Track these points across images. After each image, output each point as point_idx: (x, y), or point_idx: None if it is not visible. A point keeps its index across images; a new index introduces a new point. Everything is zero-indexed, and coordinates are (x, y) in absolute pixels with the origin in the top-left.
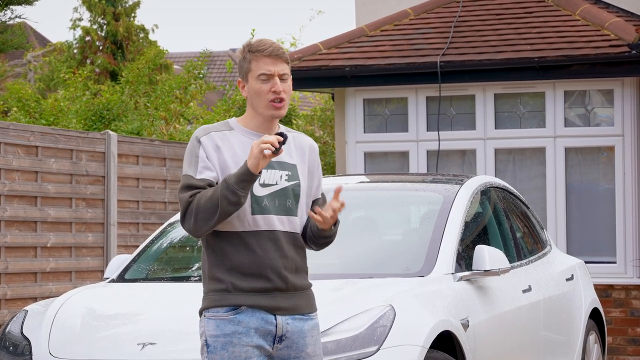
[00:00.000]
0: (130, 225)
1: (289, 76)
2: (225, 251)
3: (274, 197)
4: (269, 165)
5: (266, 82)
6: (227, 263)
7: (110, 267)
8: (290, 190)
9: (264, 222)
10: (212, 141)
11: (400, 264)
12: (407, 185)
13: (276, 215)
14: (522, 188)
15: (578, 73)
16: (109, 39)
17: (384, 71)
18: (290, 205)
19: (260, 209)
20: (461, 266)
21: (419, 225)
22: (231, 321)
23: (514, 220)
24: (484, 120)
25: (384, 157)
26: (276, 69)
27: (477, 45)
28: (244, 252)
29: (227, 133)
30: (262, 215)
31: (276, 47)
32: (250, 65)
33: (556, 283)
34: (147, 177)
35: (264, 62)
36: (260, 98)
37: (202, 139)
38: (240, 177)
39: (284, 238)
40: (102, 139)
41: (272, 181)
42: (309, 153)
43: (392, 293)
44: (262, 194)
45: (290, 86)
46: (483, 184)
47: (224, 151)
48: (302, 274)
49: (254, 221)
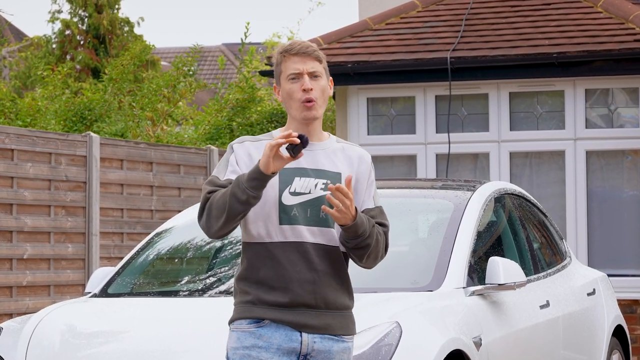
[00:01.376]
0: (114, 235)
1: (322, 75)
2: (252, 263)
3: (306, 206)
4: (303, 172)
5: (296, 82)
6: (253, 275)
7: (92, 280)
8: (325, 199)
9: (292, 233)
10: (245, 149)
11: (407, 278)
12: (414, 192)
13: (306, 226)
14: (540, 195)
15: (600, 70)
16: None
17: (389, 68)
18: (325, 215)
19: (288, 218)
20: (473, 280)
21: (428, 235)
22: (252, 334)
23: (530, 229)
24: (498, 121)
25: (390, 161)
26: (305, 67)
27: (490, 40)
28: (270, 264)
29: (263, 142)
30: (290, 226)
31: (305, 45)
32: (281, 67)
33: (576, 298)
34: (132, 183)
35: (292, 62)
36: (292, 99)
37: (235, 146)
38: (250, 176)
39: (314, 251)
40: (83, 142)
41: (305, 189)
42: (358, 163)
43: (398, 309)
44: (291, 202)
45: (325, 86)
46: (497, 191)
47: (255, 159)
48: (339, 292)
49: (281, 231)
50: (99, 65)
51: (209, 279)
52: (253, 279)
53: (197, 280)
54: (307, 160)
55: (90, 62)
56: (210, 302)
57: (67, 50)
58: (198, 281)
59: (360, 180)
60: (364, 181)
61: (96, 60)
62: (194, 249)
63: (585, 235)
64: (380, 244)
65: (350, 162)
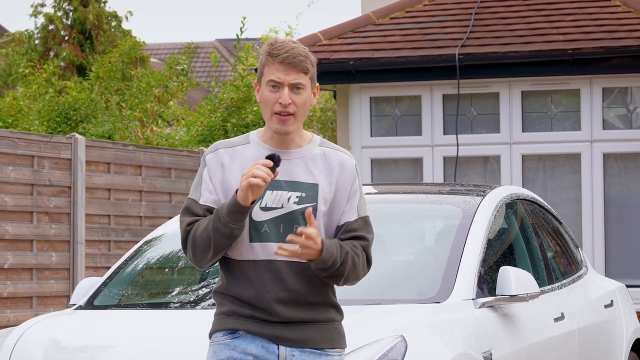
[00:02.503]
0: (101, 243)
1: (306, 87)
2: (227, 279)
3: (278, 222)
4: (275, 185)
5: (274, 92)
6: (228, 290)
7: (77, 291)
8: (299, 214)
9: (263, 251)
10: (217, 159)
11: (413, 289)
12: (420, 197)
13: (278, 243)
14: (554, 200)
15: (618, 67)
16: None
17: (393, 65)
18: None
19: (258, 236)
20: (483, 291)
21: (435, 244)
22: (227, 345)
23: (544, 237)
24: (509, 122)
25: (394, 164)
26: (287, 78)
27: (501, 35)
28: (243, 283)
29: (239, 148)
30: (261, 243)
31: (294, 53)
32: (264, 69)
33: (593, 310)
34: (119, 188)
35: (276, 69)
36: (266, 108)
37: (208, 158)
38: (230, 209)
39: (287, 269)
40: (68, 144)
41: (277, 204)
42: (339, 172)
43: (403, 322)
44: (262, 218)
45: (307, 99)
46: (508, 196)
47: (229, 170)
48: (319, 308)
49: (252, 249)
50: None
51: (202, 290)
52: (228, 293)
53: (189, 291)
54: (281, 172)
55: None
56: (202, 315)
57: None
58: (190, 292)
59: (341, 190)
60: (344, 192)
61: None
62: (185, 258)
63: (602, 243)
64: (358, 265)
65: (329, 171)
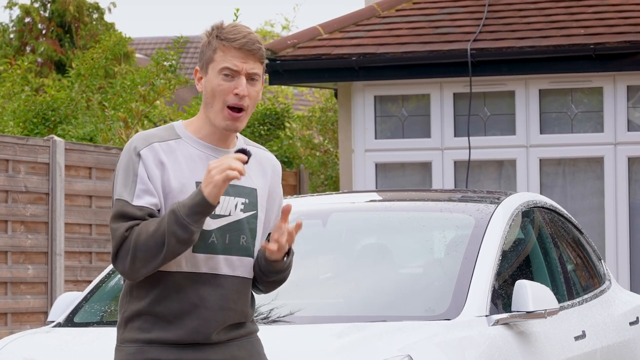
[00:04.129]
0: (81, 255)
1: (259, 79)
2: (151, 294)
3: (224, 232)
4: None
5: (229, 80)
6: (150, 309)
7: (56, 307)
8: (245, 223)
9: (206, 264)
10: (154, 155)
11: (421, 304)
12: (429, 205)
13: (224, 255)
14: (575, 208)
15: None
16: (55, 21)
17: (400, 61)
18: (245, 242)
19: (204, 246)
20: (497, 307)
21: (445, 255)
22: None
23: (563, 249)
24: (525, 123)
25: (401, 169)
26: (245, 66)
27: (517, 29)
28: (175, 297)
29: (172, 143)
30: (206, 255)
31: (252, 38)
32: (215, 55)
33: (617, 328)
34: (102, 195)
35: (232, 55)
36: (216, 98)
37: (143, 152)
38: (194, 209)
39: (230, 286)
40: (46, 147)
41: (225, 211)
42: (272, 174)
43: (411, 340)
44: (211, 227)
45: (259, 92)
46: (525, 203)
47: (168, 169)
48: (245, 325)
49: (194, 261)
50: (63, 57)
51: None
52: (149, 313)
53: None
54: None
55: (54, 55)
56: None
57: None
58: None
59: (273, 195)
60: (276, 197)
61: (61, 52)
62: None
63: (627, 255)
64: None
65: (263, 173)
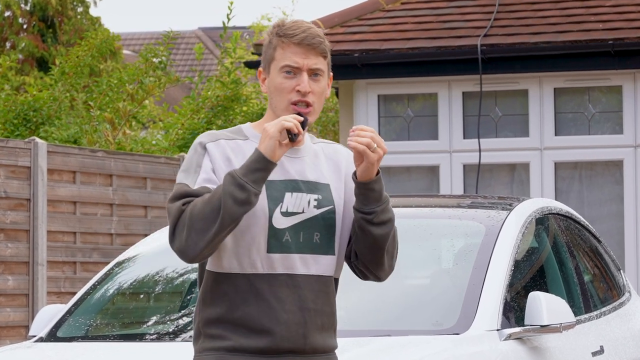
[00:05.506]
0: (65, 265)
1: (324, 75)
2: (227, 299)
3: (299, 230)
4: (294, 186)
5: (291, 78)
6: (228, 315)
7: (38, 321)
8: (320, 219)
9: (282, 264)
10: (221, 150)
11: (428, 318)
12: (436, 212)
13: (299, 254)
14: (592, 215)
15: None
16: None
17: (405, 58)
18: (320, 240)
19: (279, 245)
20: (510, 320)
21: (453, 265)
22: None
23: (580, 258)
24: (539, 124)
25: (406, 173)
26: (306, 62)
27: (531, 24)
28: (253, 301)
29: (240, 142)
30: (281, 255)
31: (312, 33)
32: (275, 53)
33: (637, 343)
34: (87, 201)
35: (292, 52)
36: (281, 97)
37: (209, 145)
38: (250, 166)
39: (307, 285)
40: (27, 149)
41: (298, 208)
42: (346, 165)
43: (417, 356)
44: (284, 225)
45: (324, 88)
46: (539, 210)
47: (235, 165)
48: (328, 332)
49: (269, 261)
50: (46, 54)
51: (182, 319)
52: (226, 319)
53: (167, 320)
54: (294, 171)
55: (36, 51)
56: (183, 348)
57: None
58: (169, 322)
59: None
60: None
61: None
62: (163, 282)
63: None
64: (396, 236)
65: (336, 168)
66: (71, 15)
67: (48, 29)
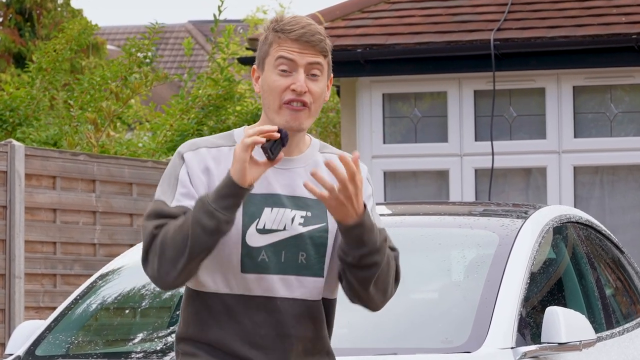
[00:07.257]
0: (44, 277)
1: (323, 75)
2: (201, 318)
3: (279, 248)
4: (277, 201)
5: (285, 76)
6: (202, 335)
7: (15, 338)
8: (307, 238)
9: (259, 285)
10: (200, 160)
11: (437, 335)
12: (446, 220)
13: (280, 275)
14: (614, 224)
15: None
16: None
17: (412, 54)
18: (306, 260)
19: (253, 265)
20: (525, 337)
21: (464, 278)
22: None
23: (601, 270)
24: (558, 125)
25: (413, 178)
26: (303, 60)
27: (547, 17)
28: (227, 323)
29: (225, 150)
30: (256, 275)
31: (312, 29)
32: (270, 49)
33: None
34: (67, 208)
35: (288, 47)
36: (273, 96)
37: (187, 156)
38: (220, 192)
39: (288, 309)
40: (3, 152)
41: (279, 225)
42: None
43: None
44: (259, 244)
45: (323, 90)
46: (557, 218)
47: (214, 176)
48: (314, 357)
49: (244, 282)
50: (23, 49)
51: (171, 336)
52: (201, 340)
53: (154, 337)
54: (282, 184)
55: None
56: None
57: None
58: (156, 339)
59: None
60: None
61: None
62: (150, 296)
63: None
64: (391, 270)
65: None
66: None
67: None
